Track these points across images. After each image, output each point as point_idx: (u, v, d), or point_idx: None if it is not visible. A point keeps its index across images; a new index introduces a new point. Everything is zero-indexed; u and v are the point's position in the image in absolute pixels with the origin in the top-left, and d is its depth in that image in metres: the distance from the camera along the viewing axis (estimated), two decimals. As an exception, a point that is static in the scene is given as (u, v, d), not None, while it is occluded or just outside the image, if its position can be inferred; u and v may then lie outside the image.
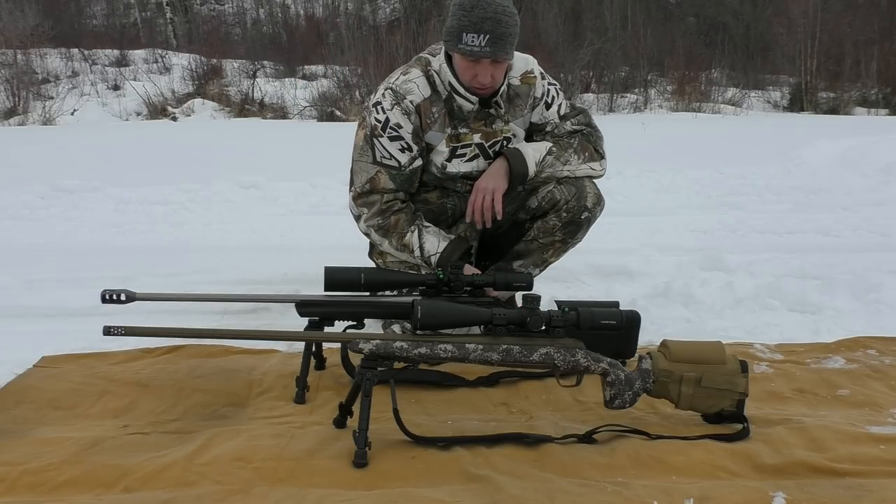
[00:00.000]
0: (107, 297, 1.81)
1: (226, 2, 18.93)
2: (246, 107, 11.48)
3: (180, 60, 13.21)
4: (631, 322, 1.73)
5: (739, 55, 13.63)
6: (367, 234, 2.26)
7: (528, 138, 2.32)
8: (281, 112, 11.35)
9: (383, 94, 2.16)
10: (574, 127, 2.30)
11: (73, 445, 1.63)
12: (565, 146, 2.25)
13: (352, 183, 2.27)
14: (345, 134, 2.28)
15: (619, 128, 7.86)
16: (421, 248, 2.15)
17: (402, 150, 2.15)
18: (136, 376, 2.03)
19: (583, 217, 2.28)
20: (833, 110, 12.13)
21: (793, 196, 4.88)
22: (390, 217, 2.17)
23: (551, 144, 2.24)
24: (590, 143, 2.29)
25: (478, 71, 2.06)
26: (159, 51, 14.25)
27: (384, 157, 2.16)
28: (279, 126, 10.07)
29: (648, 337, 2.21)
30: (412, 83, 2.15)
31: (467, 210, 2.21)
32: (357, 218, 2.24)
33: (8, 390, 1.95)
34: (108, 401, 1.90)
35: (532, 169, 2.19)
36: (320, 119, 10.91)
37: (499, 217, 2.18)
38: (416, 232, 2.16)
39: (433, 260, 2.15)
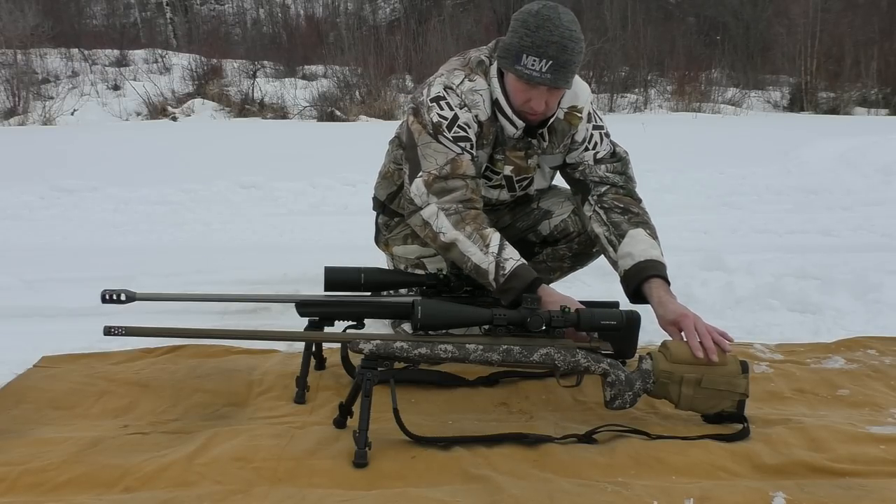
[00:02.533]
0: (107, 297, 1.81)
1: (226, 2, 18.93)
2: (246, 107, 11.48)
3: (180, 60, 13.20)
4: (631, 322, 1.73)
5: (739, 55, 13.64)
6: (425, 223, 1.91)
7: (560, 170, 2.19)
8: (281, 112, 11.35)
9: (446, 91, 1.95)
10: (606, 174, 2.08)
11: (73, 445, 1.63)
12: (646, 220, 2.03)
13: (412, 171, 1.97)
14: (345, 134, 2.27)
15: (619, 128, 7.84)
16: (500, 248, 1.83)
17: (469, 151, 1.95)
18: (136, 376, 2.03)
19: (594, 250, 2.24)
20: (833, 110, 12.14)
21: (793, 196, 4.89)
22: (471, 210, 1.89)
23: (648, 232, 1.99)
24: (633, 199, 2.08)
25: (532, 96, 1.88)
26: (159, 51, 14.24)
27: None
28: (279, 126, 10.07)
29: (648, 337, 2.20)
30: (478, 95, 1.95)
31: (697, 354, 1.72)
32: (419, 206, 1.92)
33: (8, 390, 1.95)
34: (107, 401, 1.90)
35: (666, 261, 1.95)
36: (320, 119, 10.92)
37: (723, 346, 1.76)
38: (498, 235, 1.87)
39: (508, 266, 1.80)
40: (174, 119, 11.03)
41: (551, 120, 2.01)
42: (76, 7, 16.79)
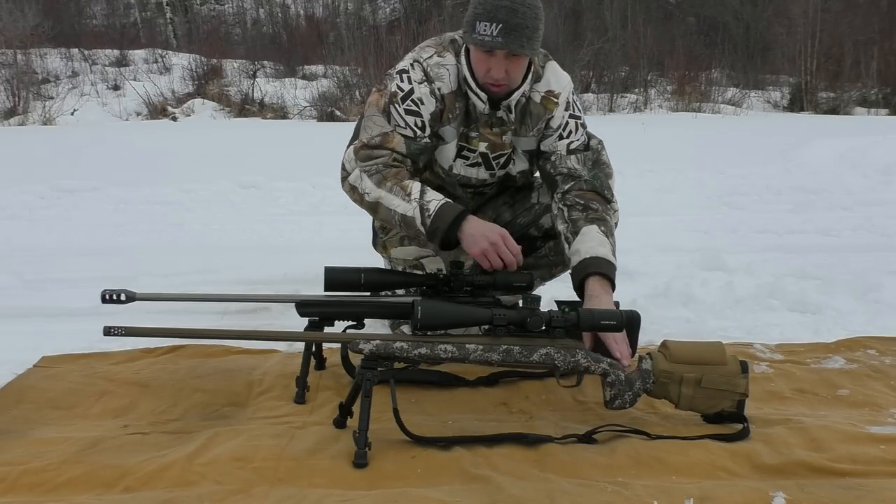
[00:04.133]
0: (107, 297, 1.81)
1: (226, 2, 18.92)
2: (246, 107, 11.47)
3: (180, 60, 13.19)
4: (631, 322, 1.73)
5: (739, 55, 13.62)
6: (352, 188, 2.01)
7: (533, 160, 2.19)
8: (281, 112, 11.34)
9: (412, 65, 2.03)
10: (575, 166, 2.06)
11: (73, 445, 1.63)
12: (603, 217, 1.99)
13: (355, 137, 2.10)
14: (345, 134, 2.26)
15: (619, 128, 7.85)
16: (421, 192, 1.90)
17: (417, 128, 2.02)
18: (136, 376, 2.03)
19: None
20: (833, 110, 12.12)
21: (793, 196, 4.88)
22: (391, 169, 1.97)
23: (603, 230, 1.96)
24: (598, 193, 2.04)
25: (491, 65, 1.93)
26: (159, 51, 14.22)
27: (398, 126, 2.02)
28: (279, 126, 10.07)
29: (648, 337, 2.21)
30: (445, 69, 2.02)
31: (616, 355, 1.75)
32: (348, 172, 2.02)
33: (8, 390, 1.95)
34: (108, 401, 1.90)
35: (616, 261, 1.94)
36: (320, 119, 10.91)
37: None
38: (419, 183, 1.94)
39: (433, 206, 1.87)
40: (174, 119, 11.03)
41: (516, 93, 2.01)
42: (76, 7, 16.77)
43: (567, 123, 2.09)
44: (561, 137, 2.09)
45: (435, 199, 1.89)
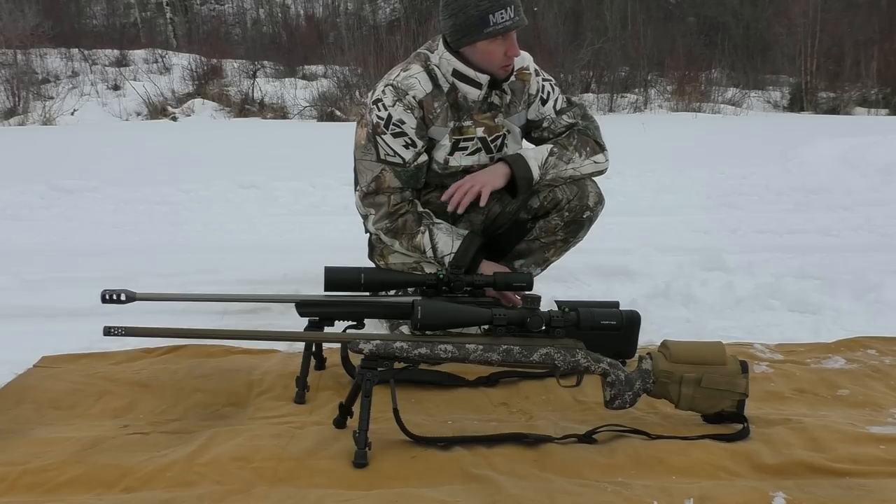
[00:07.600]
0: (107, 297, 1.81)
1: (226, 2, 18.91)
2: (246, 107, 11.47)
3: (180, 60, 13.18)
4: (631, 322, 1.73)
5: (739, 55, 13.61)
6: (376, 235, 2.24)
7: (527, 135, 2.32)
8: (281, 112, 11.34)
9: (383, 91, 2.14)
10: (570, 121, 2.28)
11: (73, 445, 1.64)
12: (565, 145, 2.23)
13: (356, 182, 2.25)
14: (345, 134, 2.28)
15: (619, 128, 7.85)
16: (434, 248, 2.15)
17: (406, 147, 2.13)
18: (136, 376, 2.03)
19: (584, 216, 2.29)
20: (833, 110, 12.11)
21: (793, 196, 4.88)
22: (398, 220, 2.16)
23: (551, 146, 2.22)
24: (589, 137, 2.26)
25: (507, 46, 2.09)
26: (159, 51, 14.21)
27: (388, 155, 2.14)
28: (279, 126, 10.06)
29: (648, 337, 2.21)
30: (413, 78, 2.14)
31: (449, 189, 2.15)
32: (365, 218, 2.23)
33: (8, 390, 1.95)
34: (108, 401, 1.90)
35: (536, 172, 2.16)
36: (320, 119, 10.91)
37: (481, 204, 2.13)
38: (427, 233, 2.15)
39: (447, 260, 2.13)
40: (174, 119, 11.02)
41: (510, 76, 2.19)
42: (76, 7, 16.76)
43: (544, 86, 2.29)
44: (544, 102, 2.29)
45: (447, 255, 2.13)
